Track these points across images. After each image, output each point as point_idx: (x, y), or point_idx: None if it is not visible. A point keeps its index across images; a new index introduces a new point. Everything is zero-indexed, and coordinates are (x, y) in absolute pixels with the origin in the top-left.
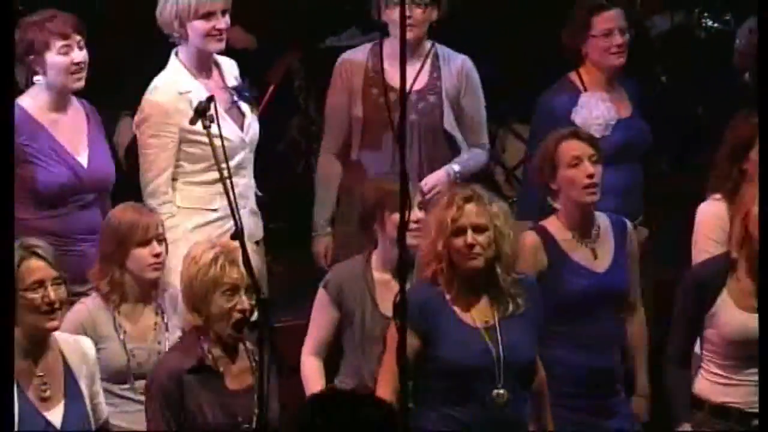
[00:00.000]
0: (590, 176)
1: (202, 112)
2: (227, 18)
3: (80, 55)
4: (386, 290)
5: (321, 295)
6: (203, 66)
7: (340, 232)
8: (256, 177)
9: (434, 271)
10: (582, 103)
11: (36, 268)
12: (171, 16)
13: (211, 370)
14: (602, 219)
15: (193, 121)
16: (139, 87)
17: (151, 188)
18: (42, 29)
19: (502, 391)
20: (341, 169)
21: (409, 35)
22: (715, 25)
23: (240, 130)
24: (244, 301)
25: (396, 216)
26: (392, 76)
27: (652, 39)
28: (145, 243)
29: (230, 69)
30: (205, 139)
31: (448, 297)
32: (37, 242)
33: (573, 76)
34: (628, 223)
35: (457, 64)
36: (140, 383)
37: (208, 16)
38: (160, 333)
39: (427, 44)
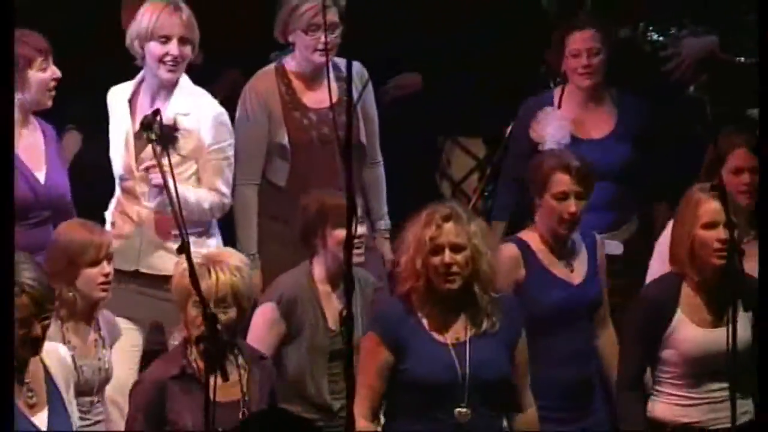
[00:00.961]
0: (571, 214)
1: (147, 125)
2: (187, 49)
3: (55, 71)
4: (330, 303)
5: (271, 311)
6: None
7: (267, 260)
8: None
9: (410, 288)
10: (538, 118)
11: (23, 306)
12: (132, 36)
13: (193, 379)
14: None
15: (138, 135)
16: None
17: None
18: (23, 45)
19: (464, 410)
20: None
21: (325, 60)
22: (661, 38)
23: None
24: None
25: (338, 231)
26: (306, 97)
27: None
28: (96, 263)
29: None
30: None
31: (419, 313)
32: (29, 277)
33: (555, 90)
34: (597, 237)
35: (358, 71)
36: (82, 399)
37: (164, 40)
38: (99, 349)
39: None
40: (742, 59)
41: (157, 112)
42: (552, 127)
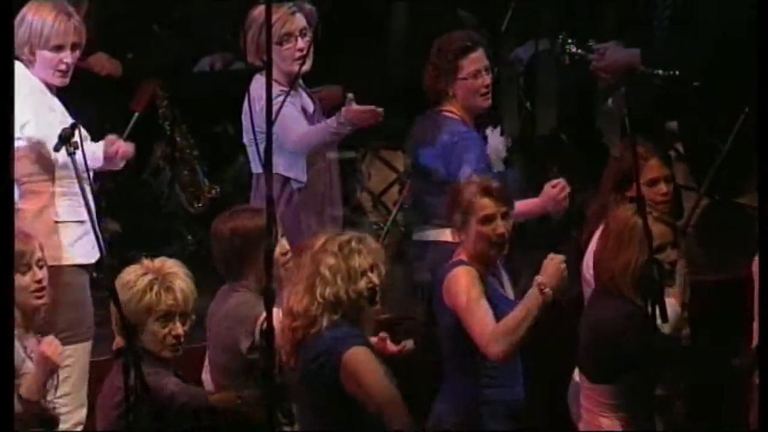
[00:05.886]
0: (500, 235)
1: (66, 138)
2: (77, 54)
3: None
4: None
5: None
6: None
7: None
8: (122, 206)
9: (344, 315)
10: (490, 139)
11: None
12: (22, 41)
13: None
14: None
15: (57, 148)
16: None
17: None
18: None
19: None
20: None
21: (306, 66)
22: (579, 51)
23: None
24: (178, 327)
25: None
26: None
27: (515, 67)
28: (26, 270)
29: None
30: None
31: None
32: None
33: (447, 112)
34: None
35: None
36: None
37: (58, 48)
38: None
39: None
40: (660, 72)
41: (75, 125)
42: (501, 144)
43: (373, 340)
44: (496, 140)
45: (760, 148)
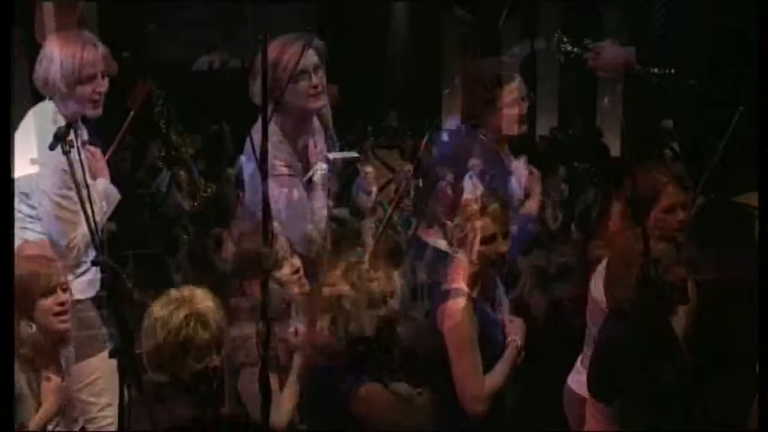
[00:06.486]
0: (501, 254)
1: (61, 137)
2: (106, 80)
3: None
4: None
5: None
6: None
7: None
8: (118, 204)
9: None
10: (515, 170)
11: None
12: (55, 78)
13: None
14: None
15: (52, 147)
16: None
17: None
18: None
19: None
20: None
21: (321, 102)
22: (574, 49)
23: None
24: (214, 359)
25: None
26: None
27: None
28: (49, 293)
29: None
30: None
31: None
32: None
33: (481, 135)
34: None
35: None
36: None
37: (91, 78)
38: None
39: None
40: (656, 70)
41: (69, 125)
42: (524, 177)
43: None
44: (520, 170)
45: (760, 148)
